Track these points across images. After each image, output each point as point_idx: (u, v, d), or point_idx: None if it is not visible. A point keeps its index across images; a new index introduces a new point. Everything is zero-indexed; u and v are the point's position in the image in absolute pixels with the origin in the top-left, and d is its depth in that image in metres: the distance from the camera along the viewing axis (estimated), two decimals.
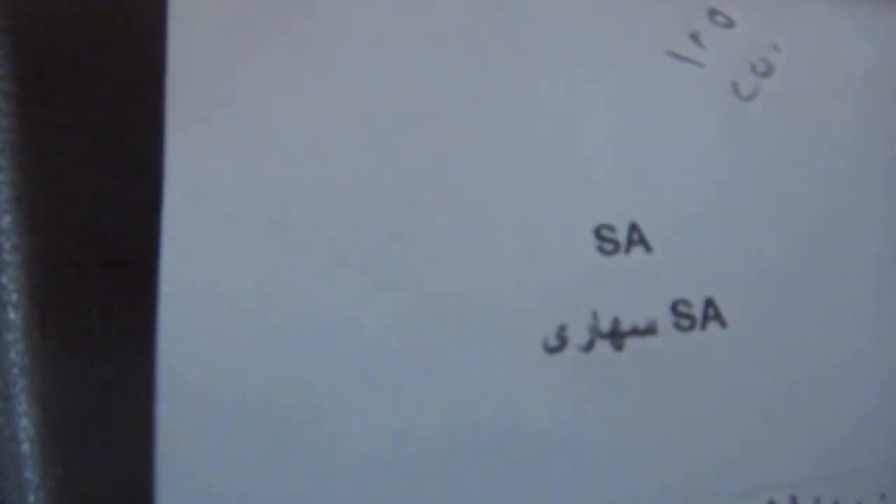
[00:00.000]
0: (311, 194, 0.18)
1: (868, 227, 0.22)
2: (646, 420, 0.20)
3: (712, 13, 0.22)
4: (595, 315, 0.19)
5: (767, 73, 0.22)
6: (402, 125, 0.19)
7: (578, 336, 0.19)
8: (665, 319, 0.20)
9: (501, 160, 0.20)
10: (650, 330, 0.20)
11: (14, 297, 0.19)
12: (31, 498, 0.20)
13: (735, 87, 0.22)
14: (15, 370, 0.19)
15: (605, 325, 0.19)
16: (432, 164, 0.19)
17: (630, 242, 0.20)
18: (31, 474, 0.20)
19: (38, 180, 0.20)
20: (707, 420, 0.20)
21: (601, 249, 0.20)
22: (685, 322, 0.20)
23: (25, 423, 0.19)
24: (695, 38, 0.22)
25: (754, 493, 0.20)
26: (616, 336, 0.19)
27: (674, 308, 0.20)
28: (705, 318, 0.20)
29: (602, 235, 0.20)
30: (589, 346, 0.19)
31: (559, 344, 0.19)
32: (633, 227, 0.20)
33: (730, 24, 0.22)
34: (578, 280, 0.19)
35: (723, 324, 0.20)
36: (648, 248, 0.20)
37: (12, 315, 0.19)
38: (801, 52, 0.23)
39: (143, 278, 0.19)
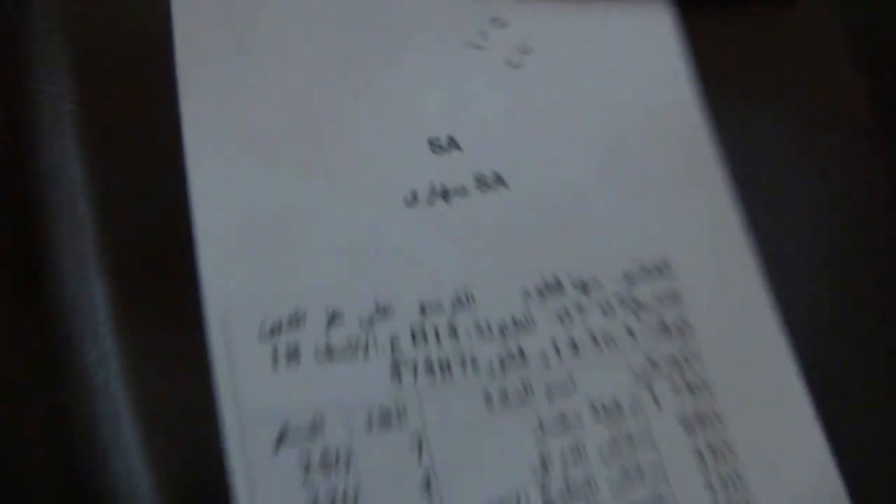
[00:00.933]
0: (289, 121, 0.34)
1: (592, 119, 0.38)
2: (469, 245, 0.35)
3: (493, 19, 0.38)
4: (432, 184, 0.35)
5: (529, 51, 0.38)
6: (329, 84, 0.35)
7: (423, 196, 0.35)
8: (471, 185, 0.35)
9: (372, 110, 0.36)
10: (464, 191, 0.35)
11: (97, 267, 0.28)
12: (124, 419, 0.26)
13: (509, 62, 0.38)
14: (101, 314, 0.27)
15: (438, 189, 0.35)
16: (338, 110, 0.35)
17: (451, 146, 0.36)
18: (125, 398, 0.26)
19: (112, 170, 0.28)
20: (504, 240, 0.36)
21: (433, 151, 0.35)
22: (484, 187, 0.36)
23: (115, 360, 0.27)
24: (482, 34, 0.38)
25: (526, 275, 0.35)
26: (446, 195, 0.35)
27: (477, 178, 0.36)
28: (496, 183, 0.36)
29: (433, 143, 0.35)
30: (431, 202, 0.35)
31: (412, 199, 0.35)
32: (451, 139, 0.36)
33: (505, 25, 0.38)
34: (422, 167, 0.35)
35: (507, 187, 0.36)
36: (461, 149, 0.36)
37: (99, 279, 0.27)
38: (552, 39, 0.39)
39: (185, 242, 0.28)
